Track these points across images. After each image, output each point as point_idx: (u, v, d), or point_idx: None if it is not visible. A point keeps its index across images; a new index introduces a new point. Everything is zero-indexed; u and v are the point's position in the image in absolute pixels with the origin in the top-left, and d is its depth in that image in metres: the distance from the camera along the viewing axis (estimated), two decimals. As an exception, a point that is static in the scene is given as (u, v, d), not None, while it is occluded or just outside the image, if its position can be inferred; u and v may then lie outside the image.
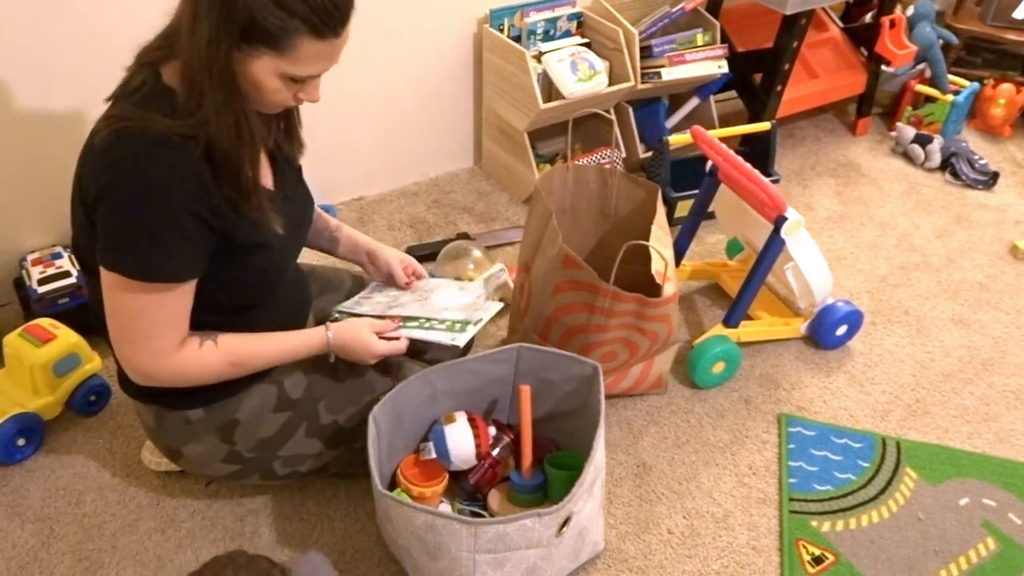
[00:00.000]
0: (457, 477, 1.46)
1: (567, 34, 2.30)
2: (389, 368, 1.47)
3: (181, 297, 1.17)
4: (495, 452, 1.44)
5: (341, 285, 1.62)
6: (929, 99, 2.77)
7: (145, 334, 1.17)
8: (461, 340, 1.38)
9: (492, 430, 1.45)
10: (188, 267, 1.15)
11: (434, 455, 1.41)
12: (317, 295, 1.57)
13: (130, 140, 1.07)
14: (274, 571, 1.08)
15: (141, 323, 1.16)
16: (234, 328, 1.27)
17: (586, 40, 2.30)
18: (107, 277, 1.14)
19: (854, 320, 1.92)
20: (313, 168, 1.41)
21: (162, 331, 1.18)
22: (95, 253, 1.15)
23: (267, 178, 1.27)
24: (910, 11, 2.72)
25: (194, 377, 1.24)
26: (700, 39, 2.34)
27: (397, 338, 1.39)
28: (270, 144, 1.29)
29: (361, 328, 1.36)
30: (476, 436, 1.41)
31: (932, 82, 2.77)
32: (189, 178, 1.09)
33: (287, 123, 1.32)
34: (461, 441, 1.40)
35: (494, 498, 1.45)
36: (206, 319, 1.22)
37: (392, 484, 1.43)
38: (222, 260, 1.18)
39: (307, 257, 1.55)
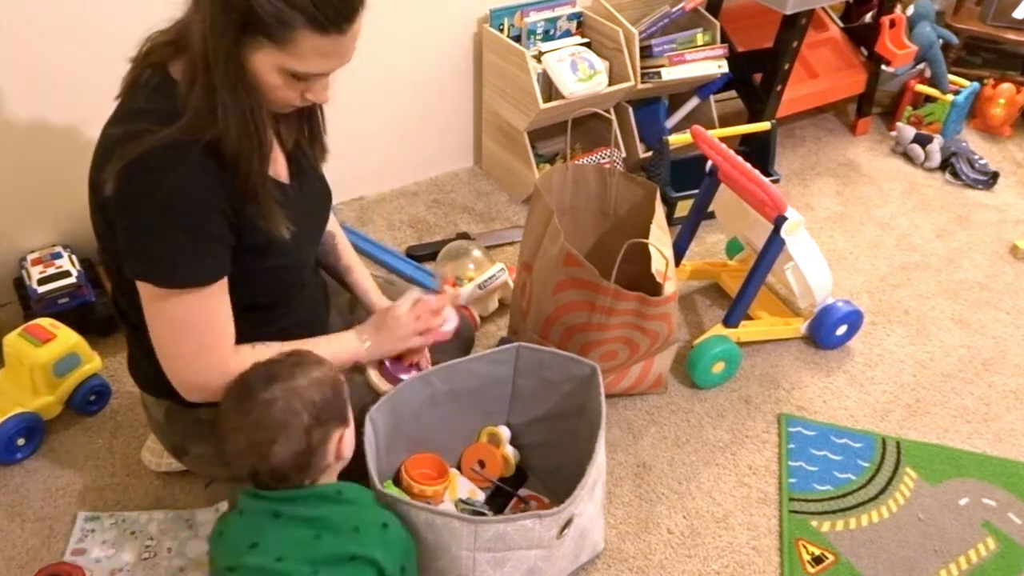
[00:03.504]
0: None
1: (567, 34, 2.30)
2: None
3: (219, 299, 1.15)
4: None
5: (338, 289, 1.61)
6: (929, 99, 2.77)
7: (194, 345, 1.14)
8: None
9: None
10: (218, 265, 1.13)
11: None
12: None
13: (138, 152, 1.04)
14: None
15: (188, 333, 1.14)
16: (254, 332, 1.22)
17: (586, 40, 2.30)
18: (143, 290, 1.12)
19: (854, 320, 1.92)
20: (313, 168, 1.41)
21: (210, 338, 1.15)
22: (117, 256, 1.14)
23: (280, 171, 1.24)
24: (910, 11, 2.72)
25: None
26: (700, 39, 2.34)
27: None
28: (288, 146, 1.25)
29: (392, 310, 1.37)
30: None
31: (932, 82, 2.77)
32: (202, 176, 1.08)
33: (309, 125, 1.28)
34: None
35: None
36: None
37: (393, 484, 1.43)
38: (236, 258, 1.16)
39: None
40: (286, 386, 1.11)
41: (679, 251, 2.03)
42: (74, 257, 1.84)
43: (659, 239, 1.58)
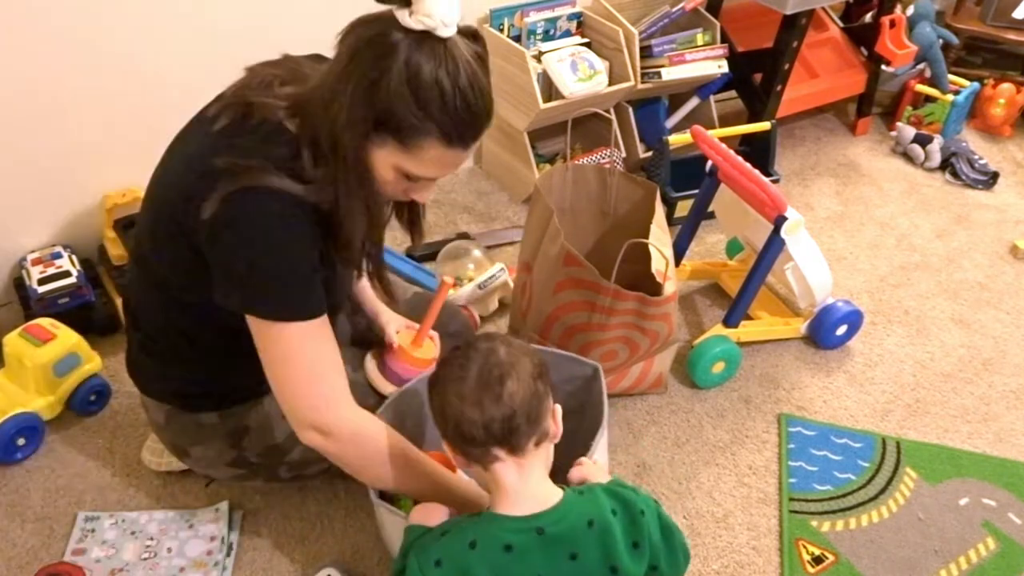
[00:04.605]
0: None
1: (567, 34, 2.30)
2: None
3: (327, 333, 1.15)
4: None
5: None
6: (929, 99, 2.77)
7: (310, 379, 1.13)
8: None
9: None
10: (320, 300, 1.14)
11: None
12: None
13: (251, 183, 1.05)
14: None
15: (302, 367, 1.12)
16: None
17: (586, 40, 2.30)
18: (258, 327, 1.11)
19: (854, 320, 1.92)
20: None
21: (326, 373, 1.14)
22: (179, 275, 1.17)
23: None
24: (910, 11, 2.72)
25: (372, 440, 1.17)
26: (700, 39, 2.34)
27: None
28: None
29: None
30: None
31: (932, 82, 2.77)
32: (305, 223, 1.09)
33: (411, 213, 1.30)
34: None
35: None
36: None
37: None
38: None
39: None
40: (503, 342, 1.07)
41: (679, 251, 2.03)
42: (74, 257, 1.84)
43: (659, 239, 1.58)
